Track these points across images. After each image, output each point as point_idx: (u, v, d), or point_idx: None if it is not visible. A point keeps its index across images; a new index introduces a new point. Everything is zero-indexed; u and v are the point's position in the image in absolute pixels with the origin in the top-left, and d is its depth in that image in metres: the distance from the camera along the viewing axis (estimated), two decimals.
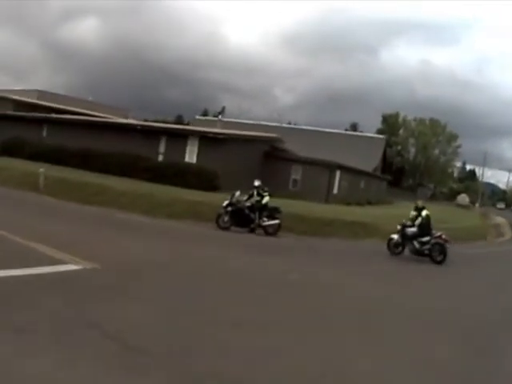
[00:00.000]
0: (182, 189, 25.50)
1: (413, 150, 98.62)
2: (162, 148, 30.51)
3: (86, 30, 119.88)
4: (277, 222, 18.43)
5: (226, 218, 18.21)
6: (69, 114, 39.11)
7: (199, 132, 30.05)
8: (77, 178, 23.33)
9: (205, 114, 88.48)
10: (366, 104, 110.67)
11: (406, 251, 16.89)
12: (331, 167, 35.89)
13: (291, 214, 19.85)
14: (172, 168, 28.01)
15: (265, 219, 18.38)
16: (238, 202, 18.48)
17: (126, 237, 13.66)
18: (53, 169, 26.99)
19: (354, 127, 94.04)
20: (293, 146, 39.03)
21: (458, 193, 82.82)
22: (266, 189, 18.94)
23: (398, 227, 16.98)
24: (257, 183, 18.92)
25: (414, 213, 17.04)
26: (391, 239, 17.11)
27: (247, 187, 19.38)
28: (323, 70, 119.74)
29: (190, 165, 28.52)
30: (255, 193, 18.77)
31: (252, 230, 18.20)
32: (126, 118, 52.15)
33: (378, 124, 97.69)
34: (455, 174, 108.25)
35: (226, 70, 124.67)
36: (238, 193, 18.79)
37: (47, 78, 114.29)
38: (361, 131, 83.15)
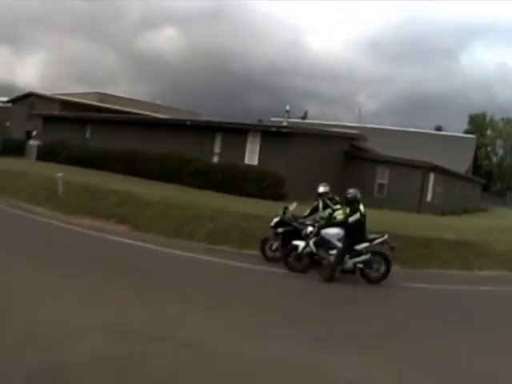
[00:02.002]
0: (238, 197, 20.27)
1: (501, 151, 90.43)
2: (217, 147, 25.29)
3: (165, 40, 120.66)
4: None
5: (275, 245, 12.24)
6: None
7: (260, 127, 24.51)
8: (102, 185, 18.54)
9: None
10: (447, 108, 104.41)
11: None
12: (424, 169, 29.31)
13: (380, 232, 13.51)
14: (227, 171, 22.80)
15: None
16: (295, 219, 12.41)
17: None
18: (84, 173, 22.80)
19: (438, 130, 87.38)
20: (375, 148, 33.04)
21: None
22: (335, 198, 12.56)
23: None
24: (322, 189, 12.44)
25: None
26: None
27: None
28: (405, 75, 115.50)
29: (249, 167, 23.13)
30: (320, 205, 12.53)
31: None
32: None
33: (462, 128, 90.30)
34: None
35: (310, 77, 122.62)
36: (294, 204, 12.84)
37: (127, 88, 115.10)
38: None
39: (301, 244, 11.34)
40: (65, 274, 8.89)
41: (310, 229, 11.50)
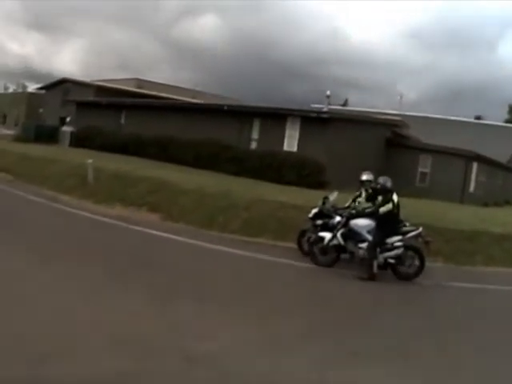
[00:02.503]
0: (275, 185, 19.28)
1: None
2: (255, 133, 24.31)
3: (205, 28, 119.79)
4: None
5: (314, 238, 10.89)
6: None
7: (300, 112, 23.50)
8: (135, 172, 17.77)
9: None
10: (487, 98, 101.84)
11: None
12: (467, 158, 27.92)
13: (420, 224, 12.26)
14: (265, 158, 21.81)
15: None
16: (335, 210, 10.98)
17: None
18: (117, 160, 22.15)
19: (478, 119, 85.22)
20: (416, 136, 31.73)
21: None
22: (378, 187, 10.72)
23: None
24: (365, 177, 11.36)
25: None
26: None
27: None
28: (445, 65, 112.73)
29: (288, 154, 22.05)
30: (363, 193, 11.39)
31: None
32: None
33: (502, 117, 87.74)
34: None
35: (350, 66, 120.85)
36: (334, 194, 11.59)
37: (168, 76, 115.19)
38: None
39: (327, 235, 10.29)
40: (69, 268, 8.03)
41: (337, 219, 10.45)
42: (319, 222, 10.90)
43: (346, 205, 11.28)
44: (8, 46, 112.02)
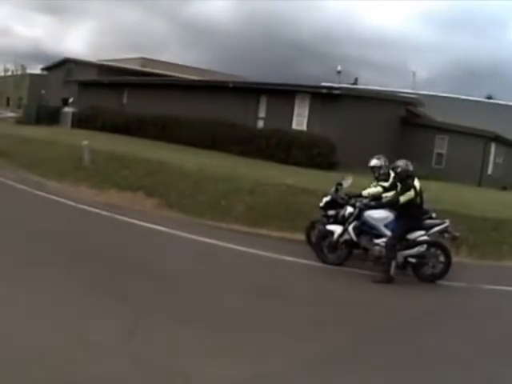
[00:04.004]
0: (283, 166, 18.18)
1: None
2: (261, 112, 23.01)
3: (217, 7, 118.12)
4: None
5: (321, 232, 9.54)
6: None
7: (309, 88, 22.16)
8: (134, 153, 16.65)
9: None
10: (499, 78, 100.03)
11: None
12: (486, 138, 26.43)
13: (441, 210, 10.36)
14: (272, 137, 20.53)
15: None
16: (349, 198, 9.40)
17: None
18: (118, 141, 21.23)
19: (489, 99, 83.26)
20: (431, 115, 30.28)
21: None
22: (391, 173, 9.37)
23: None
24: (373, 162, 9.76)
25: None
26: None
27: None
28: (457, 44, 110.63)
29: (297, 133, 20.77)
30: (375, 182, 9.90)
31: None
32: None
33: None
34: None
35: (362, 45, 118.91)
36: (349, 179, 10.06)
37: (178, 56, 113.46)
38: None
39: (337, 229, 8.88)
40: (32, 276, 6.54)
41: (349, 210, 8.99)
42: (331, 212, 9.47)
43: (366, 193, 9.54)
44: (17, 28, 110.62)
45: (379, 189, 9.45)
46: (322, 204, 9.70)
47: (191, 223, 11.26)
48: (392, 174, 9.24)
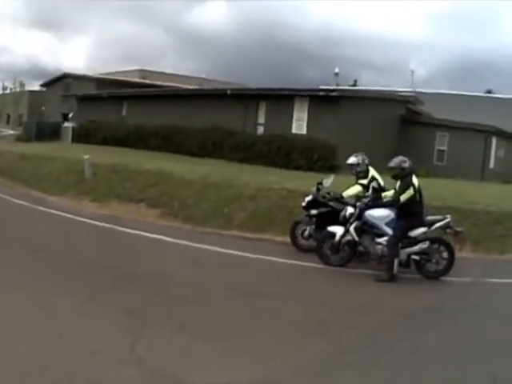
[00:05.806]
0: (284, 171, 18.11)
1: None
2: (261, 118, 23.02)
3: (213, 15, 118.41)
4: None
5: (309, 231, 9.77)
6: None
7: (307, 91, 22.17)
8: (135, 165, 16.70)
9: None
10: (498, 73, 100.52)
11: None
12: (486, 133, 26.38)
13: (444, 207, 10.75)
14: (272, 143, 20.50)
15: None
16: (332, 197, 9.66)
17: None
18: (118, 153, 21.16)
19: (489, 93, 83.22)
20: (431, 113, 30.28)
21: None
22: (370, 169, 9.86)
23: None
24: (351, 160, 9.88)
25: None
26: None
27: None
28: (456, 41, 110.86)
29: (297, 137, 20.73)
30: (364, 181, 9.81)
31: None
32: None
33: None
34: None
35: (361, 46, 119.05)
36: (330, 178, 10.24)
37: (177, 65, 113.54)
38: None
39: (338, 230, 8.79)
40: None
41: (349, 210, 8.87)
42: (314, 211, 9.61)
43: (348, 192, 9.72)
44: (15, 46, 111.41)
45: (358, 187, 9.59)
46: (304, 204, 9.85)
47: (194, 232, 11.27)
48: (371, 172, 9.61)
